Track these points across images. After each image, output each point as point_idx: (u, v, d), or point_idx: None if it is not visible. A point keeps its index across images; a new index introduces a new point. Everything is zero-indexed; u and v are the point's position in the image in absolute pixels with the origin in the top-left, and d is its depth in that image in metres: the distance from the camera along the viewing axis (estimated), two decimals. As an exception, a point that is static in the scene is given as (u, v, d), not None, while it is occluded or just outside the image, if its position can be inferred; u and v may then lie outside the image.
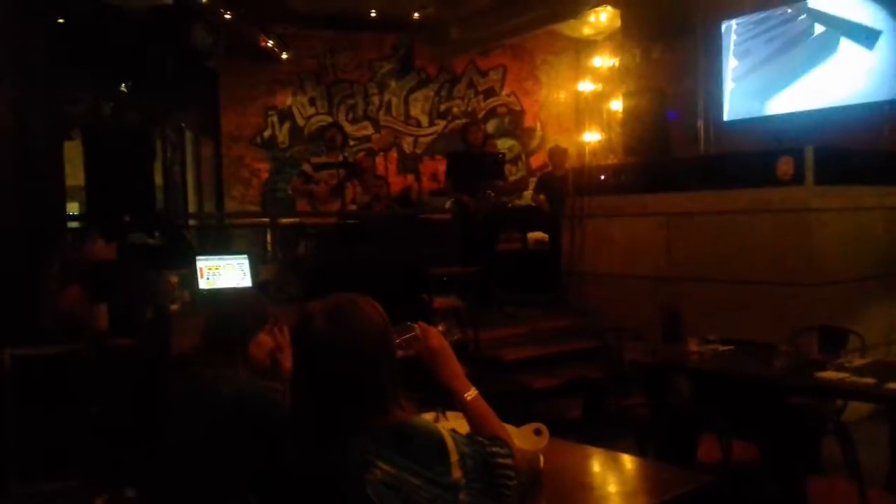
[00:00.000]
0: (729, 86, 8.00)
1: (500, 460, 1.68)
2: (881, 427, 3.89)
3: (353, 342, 1.64)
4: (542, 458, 2.25)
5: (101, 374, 4.41)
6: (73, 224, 6.47)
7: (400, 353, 1.77)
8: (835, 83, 7.16)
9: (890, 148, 6.63)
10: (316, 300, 1.71)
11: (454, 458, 1.62)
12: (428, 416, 2.39)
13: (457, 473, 1.61)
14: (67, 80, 6.90)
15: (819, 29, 7.32)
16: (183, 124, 10.12)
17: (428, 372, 1.84)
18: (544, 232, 8.08)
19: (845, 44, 7.10)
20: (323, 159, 7.27)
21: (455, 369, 1.85)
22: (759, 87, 7.79)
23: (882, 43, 6.81)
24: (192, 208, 10.05)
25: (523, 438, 2.29)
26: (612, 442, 2.87)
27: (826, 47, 7.25)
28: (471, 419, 1.80)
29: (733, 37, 7.95)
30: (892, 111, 6.72)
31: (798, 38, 7.47)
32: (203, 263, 5.23)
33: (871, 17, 6.92)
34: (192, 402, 2.26)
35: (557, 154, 8.59)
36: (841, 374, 3.66)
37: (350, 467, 1.57)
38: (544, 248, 7.92)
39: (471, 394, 1.81)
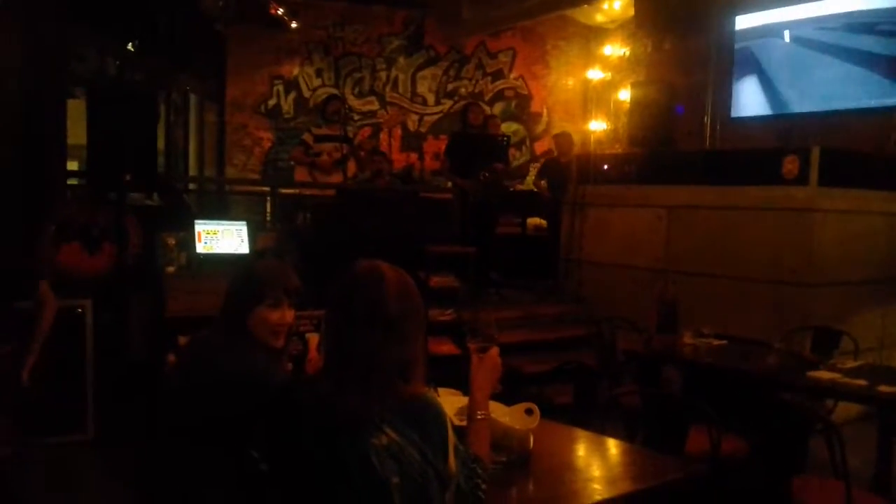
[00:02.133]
0: (738, 82, 7.96)
1: (478, 480, 1.74)
2: (869, 429, 3.91)
3: (415, 299, 1.72)
4: (532, 438, 2.25)
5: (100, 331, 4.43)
6: (73, 181, 6.43)
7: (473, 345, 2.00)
8: (844, 86, 7.13)
9: (896, 153, 6.61)
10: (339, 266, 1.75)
11: (452, 444, 1.65)
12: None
13: (453, 465, 1.64)
14: (74, 37, 6.83)
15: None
16: (188, 88, 10.06)
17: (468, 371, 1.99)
18: (543, 218, 8.06)
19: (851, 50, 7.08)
20: (324, 131, 7.22)
21: (488, 385, 1.98)
22: (768, 85, 7.75)
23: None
24: (192, 173, 10.01)
25: (514, 418, 2.30)
26: (601, 428, 2.87)
27: (832, 52, 7.23)
28: (469, 434, 1.88)
29: (746, 33, 7.90)
30: (901, 117, 6.69)
31: (810, 40, 7.43)
32: (201, 227, 5.22)
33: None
34: (193, 368, 2.22)
35: (563, 140, 8.46)
36: (833, 375, 3.67)
37: (360, 426, 1.58)
38: (543, 234, 7.90)
39: (483, 413, 1.92)
